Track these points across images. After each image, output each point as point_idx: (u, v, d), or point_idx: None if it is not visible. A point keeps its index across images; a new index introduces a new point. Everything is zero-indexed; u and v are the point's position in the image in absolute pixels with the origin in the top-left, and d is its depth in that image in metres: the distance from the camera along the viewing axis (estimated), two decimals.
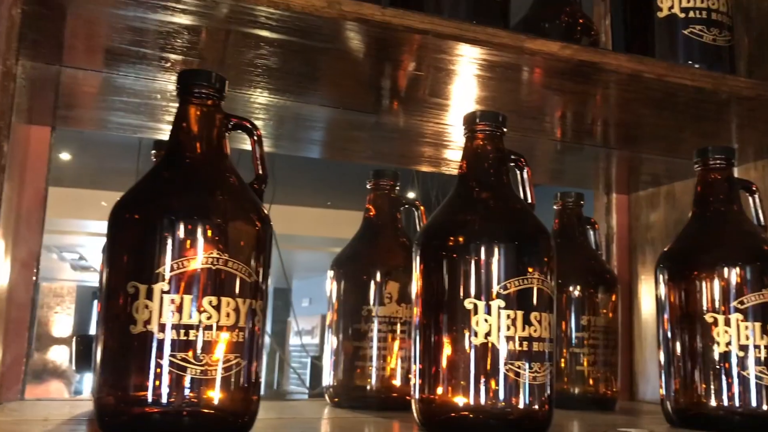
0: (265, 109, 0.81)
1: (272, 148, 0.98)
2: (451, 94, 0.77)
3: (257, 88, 0.74)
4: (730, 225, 0.77)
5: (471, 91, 0.76)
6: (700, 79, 0.70)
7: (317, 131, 0.92)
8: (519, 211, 0.67)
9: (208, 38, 0.64)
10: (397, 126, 0.88)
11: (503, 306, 0.62)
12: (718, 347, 0.72)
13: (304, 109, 0.81)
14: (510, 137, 0.90)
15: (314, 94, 0.77)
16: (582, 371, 0.95)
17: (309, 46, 0.64)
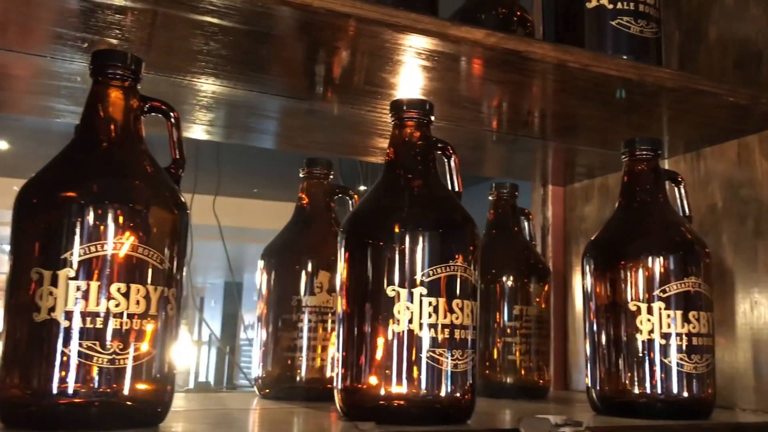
0: (210, 97, 0.79)
1: (218, 138, 0.96)
2: (383, 81, 0.76)
3: (201, 75, 0.72)
4: (654, 215, 0.78)
5: (404, 79, 0.75)
6: (625, 70, 0.71)
7: (265, 120, 0.90)
8: (444, 199, 0.67)
9: (135, 19, 0.62)
10: (338, 114, 0.87)
11: (425, 293, 0.61)
12: (641, 335, 0.73)
13: (249, 97, 0.79)
14: (445, 127, 0.90)
15: (256, 81, 0.75)
16: (514, 360, 0.96)
17: (235, 29, 0.62)
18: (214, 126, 0.91)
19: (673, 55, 1.01)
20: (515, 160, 1.10)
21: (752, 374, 0.85)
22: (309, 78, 0.77)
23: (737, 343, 0.87)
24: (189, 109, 0.84)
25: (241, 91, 0.78)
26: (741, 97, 0.77)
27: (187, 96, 0.79)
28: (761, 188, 0.86)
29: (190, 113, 0.85)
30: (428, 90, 0.78)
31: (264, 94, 0.79)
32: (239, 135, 0.97)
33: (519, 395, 0.94)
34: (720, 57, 0.94)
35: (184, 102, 0.81)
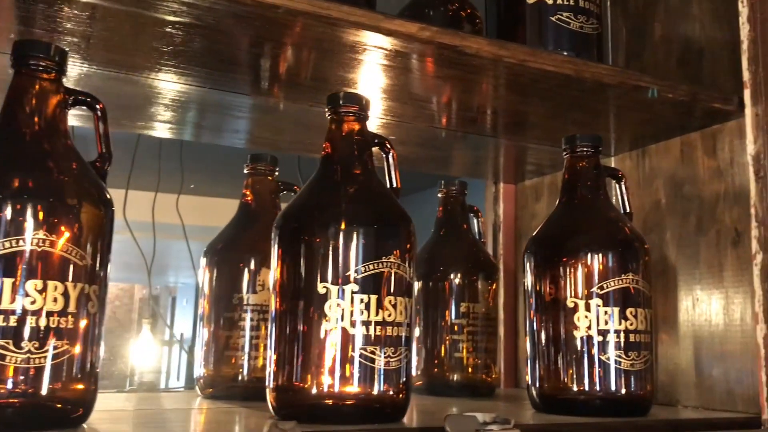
0: (171, 95, 0.78)
1: (184, 137, 0.94)
2: (331, 77, 0.75)
3: (159, 72, 0.71)
4: (594, 212, 0.78)
5: (346, 75, 0.74)
6: (562, 65, 0.71)
7: (229, 119, 0.88)
8: (379, 195, 0.66)
9: (75, 14, 0.60)
10: (297, 112, 0.85)
11: (356, 290, 0.61)
12: (579, 332, 0.73)
13: (211, 96, 0.78)
14: (396, 124, 0.90)
15: (213, 79, 0.74)
16: (461, 358, 0.95)
17: (185, 24, 0.61)
18: (177, 124, 0.89)
19: (620, 53, 1.01)
20: (467, 157, 1.10)
21: (693, 371, 0.85)
22: (255, 73, 0.76)
23: (679, 339, 0.87)
24: (147, 106, 0.82)
25: (203, 89, 0.77)
26: (680, 94, 0.78)
27: (148, 94, 0.78)
28: (703, 185, 0.86)
29: (149, 110, 0.84)
30: (372, 86, 0.77)
31: (228, 92, 0.78)
32: (208, 134, 0.96)
33: (466, 393, 0.94)
34: (664, 54, 0.95)
35: (145, 100, 0.80)
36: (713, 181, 0.85)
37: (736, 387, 0.80)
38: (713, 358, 0.83)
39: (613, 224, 0.77)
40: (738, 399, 0.80)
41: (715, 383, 0.83)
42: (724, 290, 0.83)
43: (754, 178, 0.78)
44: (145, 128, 0.90)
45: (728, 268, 0.82)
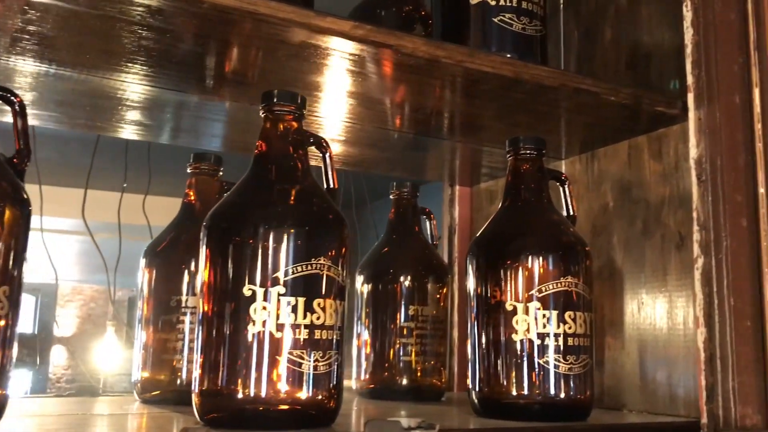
0: (134, 96, 0.76)
1: (149, 138, 0.93)
2: (270, 76, 0.73)
3: (121, 73, 0.69)
4: (535, 215, 0.77)
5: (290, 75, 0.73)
6: (501, 67, 0.70)
7: (196, 121, 0.87)
8: (312, 195, 0.65)
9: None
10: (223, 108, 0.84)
11: (284, 293, 0.59)
12: (517, 335, 0.72)
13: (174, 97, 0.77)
14: (345, 125, 0.88)
15: (171, 79, 0.72)
16: (409, 362, 0.94)
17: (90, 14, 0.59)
18: (141, 126, 0.88)
19: (572, 56, 1.01)
20: (421, 160, 1.09)
21: (638, 375, 0.85)
22: (200, 72, 0.74)
23: (625, 343, 0.87)
24: (111, 108, 0.81)
25: (165, 91, 0.75)
26: (622, 97, 0.77)
27: (112, 94, 0.76)
28: (649, 189, 0.86)
29: (113, 112, 0.82)
30: (316, 86, 0.75)
31: (178, 92, 0.76)
32: (185, 137, 0.94)
33: (415, 397, 0.93)
34: (614, 58, 0.94)
35: (107, 100, 0.78)
36: (659, 184, 0.85)
37: (678, 391, 0.80)
38: (657, 362, 0.83)
39: (554, 227, 0.76)
40: (680, 403, 0.80)
41: (659, 387, 0.82)
42: (668, 294, 0.82)
43: (696, 182, 0.77)
44: (107, 129, 0.89)
45: (672, 271, 0.82)
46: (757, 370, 0.73)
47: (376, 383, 0.96)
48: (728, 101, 0.78)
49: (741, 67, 0.79)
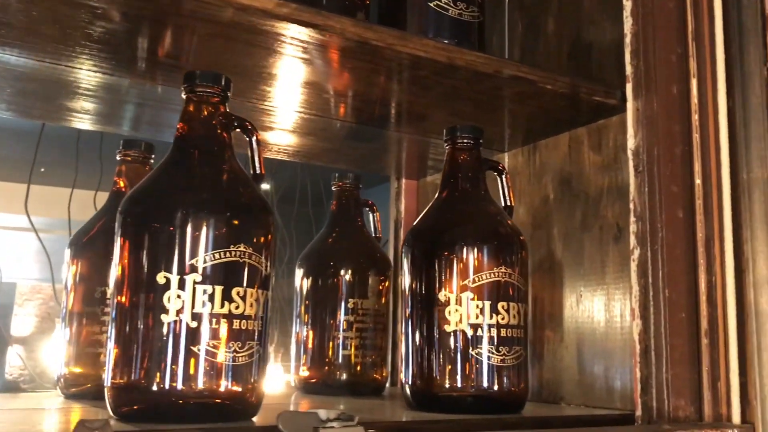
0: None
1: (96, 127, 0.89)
2: (200, 58, 0.71)
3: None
4: (471, 205, 0.76)
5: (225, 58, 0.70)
6: (434, 52, 0.68)
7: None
8: (234, 181, 0.62)
9: None
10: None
11: (199, 281, 0.57)
12: (449, 327, 0.70)
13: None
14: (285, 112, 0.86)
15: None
16: (348, 356, 0.92)
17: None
18: (90, 114, 0.84)
19: (516, 47, 1.00)
20: (367, 151, 1.07)
21: (576, 368, 0.84)
22: (132, 54, 0.71)
23: (564, 337, 0.86)
24: (59, 96, 0.78)
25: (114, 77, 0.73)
26: (559, 86, 0.76)
27: (61, 82, 0.73)
28: (588, 181, 0.85)
29: (61, 100, 0.79)
30: (251, 70, 0.73)
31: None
32: (145, 129, 0.91)
33: (354, 392, 0.91)
34: (556, 49, 0.94)
35: (59, 87, 0.75)
36: (598, 176, 0.84)
37: (615, 384, 0.79)
38: (595, 356, 0.82)
39: (489, 218, 0.75)
40: (617, 396, 0.79)
41: (596, 380, 0.81)
42: (606, 287, 0.82)
43: (633, 172, 0.77)
44: (61, 119, 0.86)
45: (610, 264, 0.82)
46: (691, 362, 0.73)
47: (315, 378, 0.93)
48: (666, 92, 0.77)
49: (679, 58, 0.78)
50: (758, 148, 0.72)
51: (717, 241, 0.74)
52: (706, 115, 0.76)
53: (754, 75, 0.73)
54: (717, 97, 0.76)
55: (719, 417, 0.72)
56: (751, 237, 0.71)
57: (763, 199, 0.71)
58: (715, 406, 0.72)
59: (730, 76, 0.76)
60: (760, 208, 0.71)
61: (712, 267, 0.74)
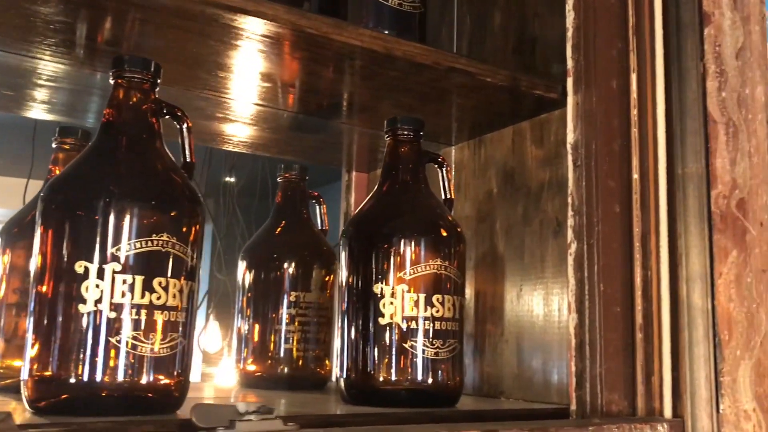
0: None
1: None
2: (141, 46, 0.69)
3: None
4: (409, 197, 0.75)
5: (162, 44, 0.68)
6: (371, 41, 0.67)
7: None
8: (160, 168, 0.61)
9: None
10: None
11: (119, 270, 0.55)
12: (384, 319, 0.70)
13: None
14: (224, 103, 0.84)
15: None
16: (290, 350, 0.91)
17: None
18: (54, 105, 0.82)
19: (464, 41, 1.00)
20: (317, 143, 1.06)
21: (516, 362, 0.84)
22: (71, 41, 0.69)
23: (505, 331, 0.86)
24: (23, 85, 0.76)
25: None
26: (499, 78, 0.76)
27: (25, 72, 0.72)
28: (530, 175, 0.85)
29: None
30: (195, 58, 0.71)
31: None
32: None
33: (296, 386, 0.90)
34: (503, 43, 0.93)
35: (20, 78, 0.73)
36: (539, 170, 0.84)
37: (552, 378, 0.79)
38: (534, 350, 0.82)
39: (426, 210, 0.75)
40: (554, 390, 0.79)
41: (535, 374, 0.81)
42: (545, 281, 0.82)
43: (572, 167, 0.77)
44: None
45: (549, 258, 0.82)
46: (626, 357, 0.73)
47: (257, 372, 0.92)
48: (606, 86, 0.77)
49: (620, 53, 0.78)
50: (693, 143, 0.72)
51: (653, 235, 0.74)
52: (645, 110, 0.77)
53: (691, 70, 0.74)
54: (656, 92, 0.76)
55: (652, 411, 0.72)
56: (685, 232, 0.71)
57: (697, 194, 0.71)
58: (648, 401, 0.72)
59: (668, 71, 0.76)
60: (694, 203, 0.71)
61: (648, 261, 0.74)
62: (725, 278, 0.71)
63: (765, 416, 0.72)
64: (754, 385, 0.72)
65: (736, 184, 0.73)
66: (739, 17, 0.78)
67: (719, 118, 0.73)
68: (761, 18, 0.80)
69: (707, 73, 0.73)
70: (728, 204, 0.72)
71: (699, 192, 0.71)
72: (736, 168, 0.74)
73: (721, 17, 0.76)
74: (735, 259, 0.72)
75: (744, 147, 0.75)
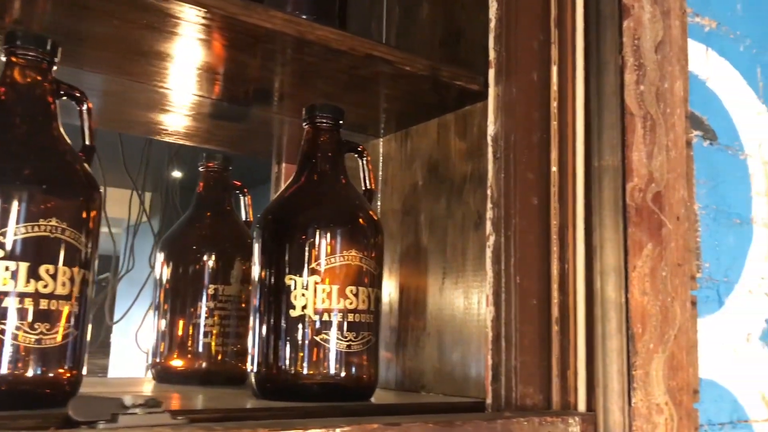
0: None
1: None
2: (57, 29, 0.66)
3: None
4: (325, 187, 0.74)
5: None
6: (282, 24, 0.65)
7: None
8: (54, 151, 0.58)
9: None
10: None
11: (2, 256, 0.52)
12: (295, 312, 0.68)
13: None
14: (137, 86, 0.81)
15: None
16: (209, 344, 0.88)
17: None
18: None
19: (393, 32, 0.98)
20: (241, 132, 1.03)
21: (437, 356, 0.83)
22: None
23: (427, 324, 0.85)
24: None
25: None
26: (418, 68, 0.75)
27: None
28: (454, 168, 0.84)
29: None
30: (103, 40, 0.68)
31: None
32: None
33: (215, 382, 0.88)
34: (430, 34, 0.92)
35: None
36: (462, 163, 0.83)
37: (471, 372, 0.79)
38: (454, 344, 0.81)
39: (342, 201, 0.73)
40: (472, 384, 0.78)
41: (455, 368, 0.80)
42: (466, 274, 0.81)
43: (492, 159, 0.76)
44: None
45: (470, 251, 0.81)
46: (542, 350, 0.73)
47: (174, 367, 0.89)
48: (527, 78, 0.77)
49: (541, 45, 0.78)
50: (610, 136, 0.72)
51: (571, 228, 0.74)
52: (566, 102, 0.76)
53: (610, 63, 0.74)
54: (576, 84, 0.76)
55: (567, 405, 0.72)
56: (600, 225, 0.71)
57: (613, 186, 0.71)
58: (564, 394, 0.72)
59: (588, 64, 0.76)
60: (609, 196, 0.71)
61: (565, 254, 0.74)
62: (639, 271, 0.71)
63: (677, 409, 0.72)
64: (667, 378, 0.72)
65: (652, 178, 0.73)
66: (660, 11, 0.78)
67: (637, 111, 0.73)
68: (682, 13, 0.81)
69: (625, 65, 0.73)
70: (644, 197, 0.72)
71: (614, 185, 0.71)
72: (653, 161, 0.74)
73: (641, 10, 0.76)
74: (650, 252, 0.72)
75: (661, 141, 0.75)
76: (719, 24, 0.89)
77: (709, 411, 0.80)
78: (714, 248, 0.83)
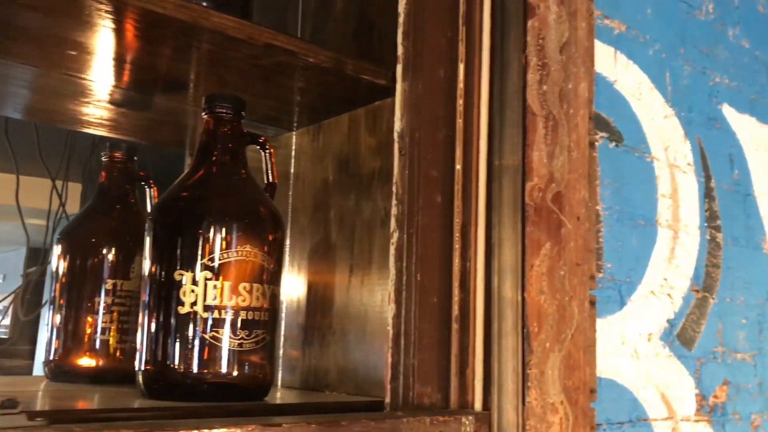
0: None
1: None
2: None
3: None
4: (222, 179, 0.71)
5: None
6: (173, 9, 0.63)
7: None
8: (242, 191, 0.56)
9: None
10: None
11: None
12: (184, 308, 0.65)
13: None
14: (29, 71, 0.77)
15: None
16: (106, 341, 0.85)
17: None
18: None
19: (308, 25, 0.97)
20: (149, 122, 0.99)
21: (341, 355, 0.81)
22: None
23: (333, 322, 0.83)
24: None
25: None
26: (322, 59, 0.73)
27: None
28: (363, 164, 0.83)
29: None
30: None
31: None
32: None
33: (112, 380, 0.84)
34: (343, 27, 0.91)
35: None
36: (371, 159, 0.82)
37: (374, 371, 0.77)
38: (359, 342, 0.80)
39: (239, 194, 0.71)
40: (375, 383, 0.77)
41: (359, 367, 0.79)
42: (371, 272, 0.80)
43: (397, 155, 0.75)
44: None
45: (376, 248, 0.80)
46: (441, 348, 0.72)
47: (69, 365, 0.86)
48: (433, 75, 0.76)
49: (449, 41, 0.77)
50: (511, 135, 0.72)
51: (473, 226, 0.73)
52: (472, 100, 0.76)
53: (513, 62, 0.74)
54: (481, 82, 0.75)
55: (465, 404, 0.71)
56: (499, 223, 0.71)
57: (512, 186, 0.71)
58: (462, 393, 0.71)
59: (493, 62, 0.75)
60: (509, 195, 0.71)
61: (467, 252, 0.73)
62: (537, 270, 0.71)
63: (573, 408, 0.73)
64: (563, 377, 0.72)
65: (553, 178, 0.74)
66: (566, 12, 0.78)
67: (539, 111, 0.73)
68: (589, 15, 0.81)
69: (529, 65, 0.73)
70: (543, 197, 0.73)
71: (514, 184, 0.71)
72: (554, 161, 0.74)
73: (547, 11, 0.76)
74: (548, 251, 0.72)
75: (563, 141, 0.76)
76: (629, 27, 0.91)
77: (608, 410, 0.81)
78: (617, 249, 0.84)
